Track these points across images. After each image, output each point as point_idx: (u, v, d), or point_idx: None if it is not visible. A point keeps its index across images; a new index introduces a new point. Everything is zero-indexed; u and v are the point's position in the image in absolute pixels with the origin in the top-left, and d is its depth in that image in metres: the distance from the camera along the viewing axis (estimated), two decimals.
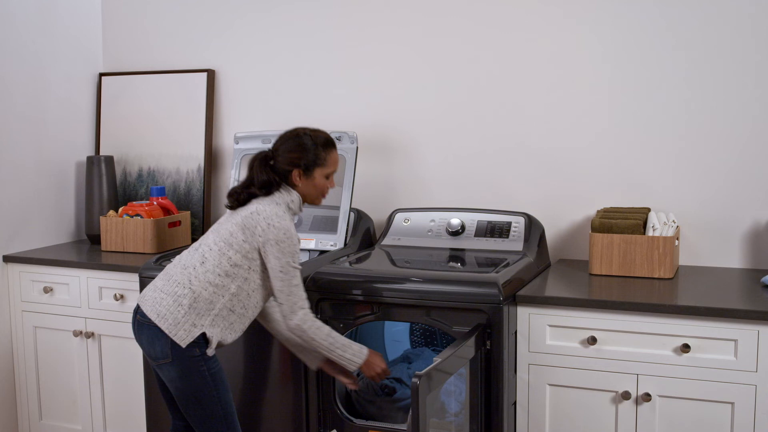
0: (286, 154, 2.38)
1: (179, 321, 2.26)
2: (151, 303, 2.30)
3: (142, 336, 2.34)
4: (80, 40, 3.66)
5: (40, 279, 3.22)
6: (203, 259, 2.31)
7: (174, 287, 2.29)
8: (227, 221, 2.37)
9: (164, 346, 2.26)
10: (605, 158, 2.96)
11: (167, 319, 2.26)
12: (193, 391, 2.29)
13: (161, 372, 2.33)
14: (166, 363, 2.27)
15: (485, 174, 3.12)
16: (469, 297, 2.41)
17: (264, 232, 2.28)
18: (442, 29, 3.15)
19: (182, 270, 2.32)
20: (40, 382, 3.29)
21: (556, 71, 3.00)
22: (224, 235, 2.32)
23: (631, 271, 2.66)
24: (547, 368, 2.47)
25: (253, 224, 2.29)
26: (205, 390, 2.29)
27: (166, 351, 2.26)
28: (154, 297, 2.31)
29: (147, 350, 2.33)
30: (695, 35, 2.81)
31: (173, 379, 2.29)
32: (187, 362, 2.26)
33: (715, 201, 2.83)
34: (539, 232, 2.92)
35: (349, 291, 2.56)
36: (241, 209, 2.36)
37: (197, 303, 2.27)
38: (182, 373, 2.27)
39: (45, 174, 3.48)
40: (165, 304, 2.27)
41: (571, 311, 2.43)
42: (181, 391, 2.30)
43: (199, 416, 2.32)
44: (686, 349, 2.30)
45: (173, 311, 2.26)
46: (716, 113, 2.81)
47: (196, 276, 2.29)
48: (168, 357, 2.26)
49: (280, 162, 2.38)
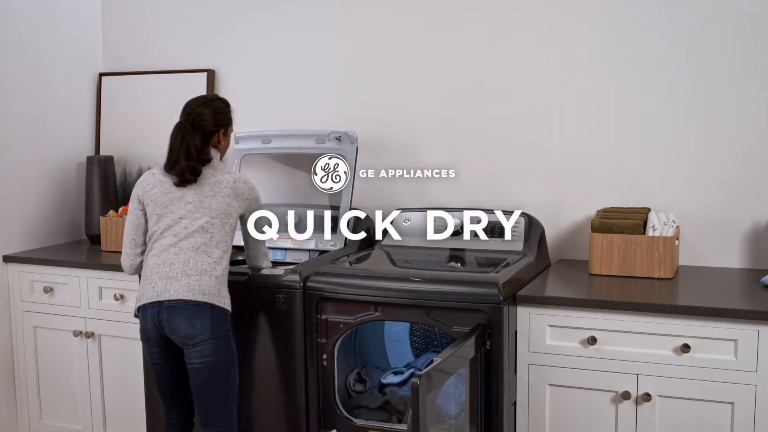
0: (211, 117, 2.56)
1: (222, 292, 2.46)
2: (186, 288, 2.41)
3: (177, 319, 2.41)
4: (80, 40, 3.66)
5: (40, 279, 3.22)
6: (210, 234, 2.47)
7: (202, 266, 2.44)
8: (209, 197, 2.50)
9: (204, 322, 2.40)
10: (605, 158, 2.95)
11: (213, 293, 2.43)
12: (221, 366, 2.44)
13: (195, 352, 2.41)
14: (204, 339, 2.40)
15: (485, 174, 3.11)
16: (469, 297, 2.41)
17: (251, 191, 2.60)
18: (442, 29, 3.14)
19: (194, 252, 2.45)
20: (40, 382, 3.29)
21: (557, 72, 3.00)
22: (221, 207, 2.50)
23: (631, 271, 2.66)
24: (547, 368, 2.46)
25: (242, 190, 2.55)
26: (230, 365, 2.47)
27: (206, 326, 2.41)
28: (187, 283, 2.41)
29: (185, 331, 2.41)
30: (695, 35, 2.81)
31: (207, 355, 2.41)
32: (223, 336, 2.44)
33: (715, 201, 2.83)
34: (539, 232, 2.92)
35: (349, 291, 2.56)
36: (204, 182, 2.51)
37: (224, 272, 2.49)
38: (216, 347, 2.42)
39: (45, 174, 3.48)
40: (204, 283, 2.42)
41: (571, 311, 2.43)
42: (212, 367, 2.42)
43: (217, 393, 2.44)
44: (686, 349, 2.30)
45: (214, 285, 2.44)
46: (716, 113, 2.81)
47: (212, 250, 2.46)
48: (208, 331, 2.41)
49: (206, 124, 2.55)
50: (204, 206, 2.49)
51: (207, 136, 2.56)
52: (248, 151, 3.22)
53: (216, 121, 2.58)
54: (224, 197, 2.51)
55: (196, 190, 2.51)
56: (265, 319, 2.66)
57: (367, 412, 2.68)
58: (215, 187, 2.51)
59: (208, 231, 2.47)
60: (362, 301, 2.55)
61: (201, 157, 2.51)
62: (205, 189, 2.50)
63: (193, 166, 2.50)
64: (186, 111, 2.57)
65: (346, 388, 2.74)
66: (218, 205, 2.50)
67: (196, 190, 2.51)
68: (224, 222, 2.50)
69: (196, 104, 2.58)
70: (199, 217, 2.48)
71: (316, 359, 2.62)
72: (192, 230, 2.47)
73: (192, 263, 2.44)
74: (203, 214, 2.48)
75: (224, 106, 2.63)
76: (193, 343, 2.41)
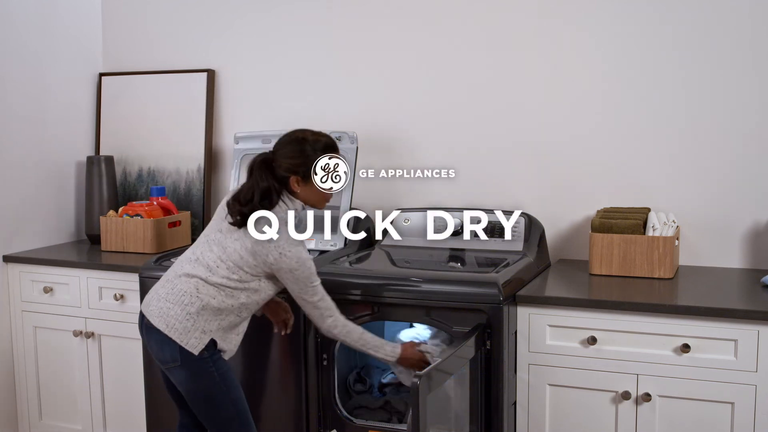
0: (286, 159, 2.31)
1: (189, 329, 2.25)
2: (158, 313, 2.29)
3: (150, 340, 2.33)
4: (80, 40, 3.65)
5: (40, 279, 3.21)
6: (210, 270, 2.28)
7: (180, 296, 2.27)
8: (232, 240, 2.28)
9: (173, 351, 2.26)
10: (605, 158, 2.95)
11: (177, 329, 2.25)
12: (204, 393, 2.30)
13: (171, 375, 2.33)
14: (176, 367, 2.27)
15: (485, 174, 3.11)
16: (469, 297, 2.41)
17: (276, 261, 2.24)
18: (442, 29, 3.14)
19: (187, 279, 2.29)
20: (40, 382, 3.29)
21: (556, 71, 3.00)
22: (233, 257, 2.27)
23: (631, 271, 2.66)
24: (547, 368, 2.46)
25: (265, 252, 2.25)
26: (215, 391, 2.29)
27: (176, 355, 2.26)
28: (160, 307, 2.29)
29: (156, 354, 2.33)
30: (696, 36, 2.81)
31: (182, 381, 2.30)
32: (196, 364, 2.26)
33: (715, 201, 2.82)
34: (539, 232, 2.92)
35: (349, 291, 2.56)
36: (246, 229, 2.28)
37: (205, 311, 2.26)
38: (192, 375, 2.28)
39: (45, 174, 3.48)
40: (173, 314, 2.26)
41: (571, 311, 2.43)
42: (193, 393, 2.31)
43: (212, 417, 2.33)
44: (686, 349, 2.30)
45: (182, 320, 2.25)
46: (716, 113, 2.80)
47: (204, 285, 2.27)
48: (177, 361, 2.26)
49: (279, 167, 2.32)
50: (222, 244, 2.29)
51: (281, 181, 2.31)
52: (248, 151, 3.22)
53: (288, 165, 2.30)
54: (242, 249, 2.25)
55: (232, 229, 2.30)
56: (264, 319, 2.64)
57: (368, 412, 2.68)
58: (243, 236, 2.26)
59: (209, 266, 2.27)
60: (362, 302, 2.55)
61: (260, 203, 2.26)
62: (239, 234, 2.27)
63: (245, 213, 2.26)
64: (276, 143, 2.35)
65: (346, 388, 2.75)
66: (232, 252, 2.26)
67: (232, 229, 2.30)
68: (231, 270, 2.25)
69: (287, 139, 2.34)
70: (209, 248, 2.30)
71: (316, 359, 2.61)
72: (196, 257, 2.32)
73: (177, 288, 2.28)
74: (218, 250, 2.29)
75: (309, 150, 2.31)
76: (167, 367, 2.31)
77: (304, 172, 2.32)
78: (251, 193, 2.28)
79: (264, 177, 2.30)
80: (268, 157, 2.34)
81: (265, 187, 2.29)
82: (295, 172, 2.31)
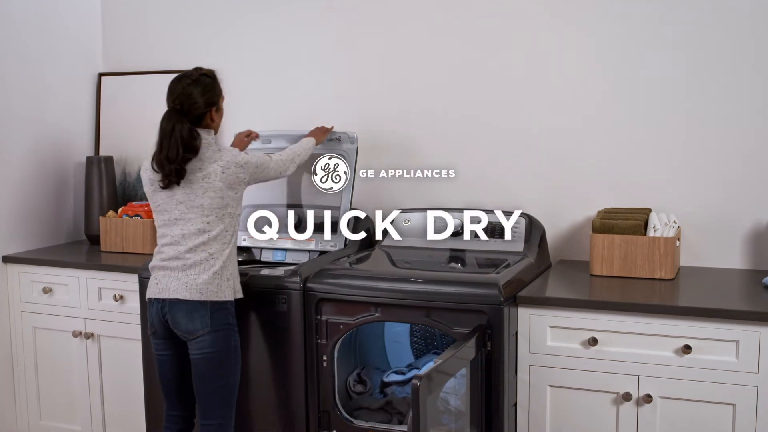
0: (201, 97, 2.46)
1: (221, 285, 2.44)
2: (185, 288, 2.42)
3: (177, 315, 2.43)
4: (80, 40, 3.65)
5: (40, 279, 3.21)
6: (207, 234, 2.44)
7: (200, 264, 2.43)
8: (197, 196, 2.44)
9: (204, 317, 2.42)
10: (606, 158, 2.94)
11: (211, 290, 2.42)
12: (219, 360, 2.44)
13: (195, 344, 2.44)
14: (204, 334, 2.42)
15: (485, 174, 3.10)
16: (469, 298, 2.40)
17: (244, 171, 2.48)
18: (444, 29, 3.14)
19: (192, 252, 2.44)
20: (39, 382, 3.28)
21: (557, 71, 2.99)
22: (214, 203, 2.44)
23: (632, 272, 2.65)
24: (548, 369, 2.46)
25: (233, 178, 2.46)
26: (229, 359, 2.47)
27: (206, 321, 2.42)
28: (185, 282, 2.43)
29: (185, 326, 2.43)
30: (696, 34, 2.80)
31: (205, 347, 2.43)
32: (223, 330, 2.44)
33: (715, 201, 2.82)
34: (540, 232, 2.91)
35: (349, 292, 2.55)
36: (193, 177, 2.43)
37: (223, 263, 2.45)
38: (215, 340, 2.43)
39: (44, 174, 3.47)
40: (201, 281, 2.42)
41: (572, 312, 2.42)
42: (210, 359, 2.44)
43: (215, 385, 2.45)
44: (687, 351, 2.29)
45: (211, 282, 2.42)
46: (717, 113, 2.80)
47: (210, 246, 2.44)
48: (208, 326, 2.42)
49: (196, 109, 2.46)
50: (196, 205, 2.44)
51: (198, 119, 2.47)
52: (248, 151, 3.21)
53: (207, 100, 2.48)
54: (216, 192, 2.43)
55: (185, 188, 2.45)
56: (264, 319, 2.65)
57: (368, 413, 2.67)
58: (205, 183, 2.43)
59: (204, 231, 2.44)
60: (362, 302, 2.54)
61: (186, 156, 2.40)
62: (195, 187, 2.43)
63: (179, 169, 2.41)
64: (173, 95, 2.47)
65: (346, 389, 2.74)
66: (211, 203, 2.44)
67: (185, 188, 2.45)
68: (221, 216, 2.45)
69: (183, 85, 2.46)
70: (192, 219, 2.44)
71: (316, 360, 2.61)
72: (188, 232, 2.45)
73: (190, 262, 2.43)
74: (196, 215, 2.44)
75: (211, 81, 2.51)
76: (194, 336, 2.44)
77: (216, 102, 2.52)
78: (176, 146, 2.41)
79: (184, 125, 2.43)
80: (176, 107, 2.46)
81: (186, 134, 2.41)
82: (214, 103, 2.51)
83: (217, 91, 2.52)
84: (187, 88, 2.46)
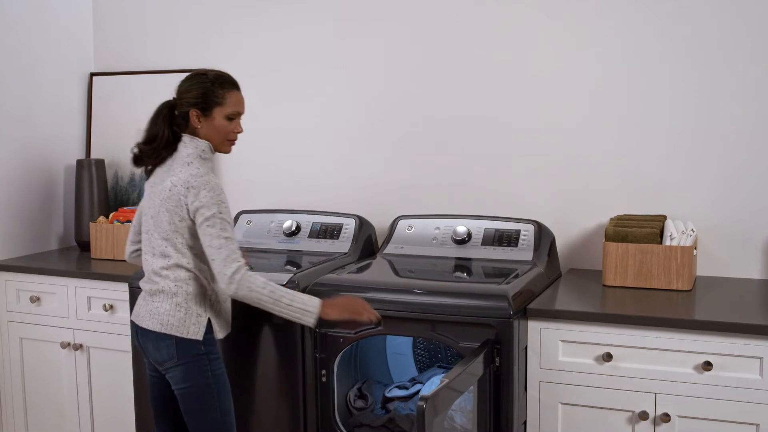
0: (184, 95, 2.26)
1: (183, 319, 2.23)
2: (148, 315, 2.27)
3: (147, 343, 2.30)
4: (71, 38, 3.56)
5: (27, 288, 3.12)
6: (166, 256, 2.24)
7: (162, 292, 2.25)
8: (157, 210, 2.25)
9: (169, 347, 2.24)
10: (618, 163, 2.85)
11: (172, 324, 2.23)
12: (196, 392, 2.25)
13: (168, 376, 2.28)
14: (173, 366, 2.25)
15: (492, 179, 3.01)
16: (477, 311, 2.30)
17: (186, 197, 2.18)
18: (448, 31, 3.04)
19: (155, 274, 2.27)
20: (26, 395, 3.19)
21: (567, 72, 2.89)
22: (164, 224, 2.23)
23: (648, 283, 2.54)
24: (560, 386, 2.35)
25: (176, 199, 2.20)
26: (207, 391, 2.25)
27: (172, 351, 2.24)
28: (149, 310, 2.27)
29: (154, 356, 2.29)
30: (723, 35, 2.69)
31: (178, 382, 2.26)
32: (191, 361, 2.24)
33: (733, 207, 2.72)
34: (549, 240, 2.81)
35: None
36: (161, 181, 2.25)
37: (189, 295, 2.24)
38: (187, 372, 2.24)
39: (33, 178, 3.38)
40: (163, 311, 2.24)
41: (585, 326, 2.31)
42: (186, 393, 2.26)
43: (199, 420, 2.27)
44: (708, 367, 2.19)
45: (173, 313, 2.23)
46: (737, 116, 2.69)
47: (174, 271, 2.24)
48: (174, 357, 2.24)
49: (180, 106, 2.26)
50: (156, 223, 2.25)
51: (184, 119, 2.26)
52: None
53: (187, 100, 2.25)
54: (166, 210, 2.21)
55: (152, 194, 2.27)
56: (261, 333, 2.54)
57: (369, 430, 2.57)
58: (160, 198, 2.23)
59: (165, 255, 2.23)
60: None
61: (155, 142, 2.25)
62: (155, 199, 2.25)
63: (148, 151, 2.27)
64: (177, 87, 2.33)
65: (346, 405, 2.63)
66: (166, 225, 2.22)
67: (152, 194, 2.27)
68: (175, 245, 2.22)
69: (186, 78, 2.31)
70: (155, 237, 2.26)
71: (315, 375, 2.51)
72: (153, 251, 2.28)
73: (156, 288, 2.25)
74: (157, 233, 2.25)
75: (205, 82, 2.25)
76: (164, 368, 2.28)
77: (203, 105, 2.25)
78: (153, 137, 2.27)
79: (164, 122, 2.26)
80: (171, 102, 2.30)
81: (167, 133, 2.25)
82: (195, 105, 2.24)
83: (207, 93, 2.24)
84: (181, 83, 2.31)
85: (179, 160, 2.25)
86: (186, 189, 2.18)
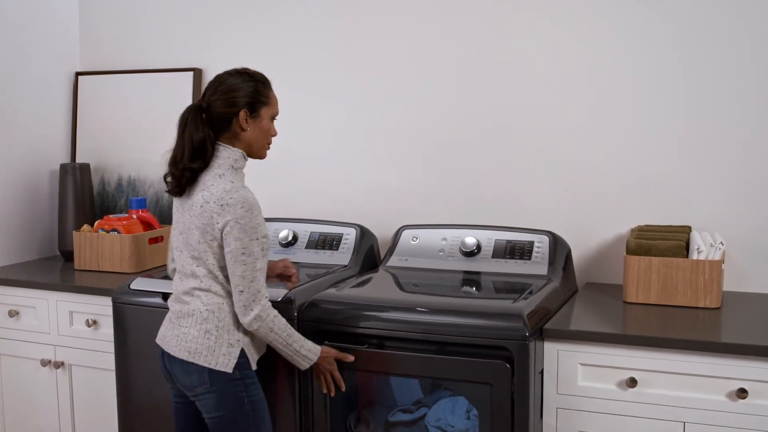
0: (224, 95, 2.06)
1: (212, 347, 2.08)
2: (176, 342, 2.12)
3: (175, 368, 2.14)
4: (55, 36, 3.45)
5: (5, 301, 2.98)
6: (196, 276, 2.10)
7: (191, 317, 2.10)
8: (188, 226, 2.09)
9: (201, 372, 2.09)
10: (639, 170, 2.70)
11: (200, 352, 2.08)
12: (230, 420, 2.10)
13: (199, 403, 2.13)
14: (204, 392, 2.09)
15: (504, 187, 2.87)
16: (489, 332, 2.13)
17: (220, 215, 2.01)
18: (454, 33, 2.90)
19: (186, 294, 2.13)
20: (4, 414, 3.06)
21: (582, 75, 2.75)
22: (195, 243, 2.08)
23: (673, 300, 2.37)
24: (579, 413, 2.20)
25: (207, 216, 2.03)
26: (243, 419, 2.11)
27: (204, 377, 2.08)
28: (176, 335, 2.13)
29: (182, 382, 2.14)
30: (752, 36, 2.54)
31: (210, 409, 2.11)
32: (225, 387, 2.08)
33: (763, 218, 2.57)
34: (565, 252, 2.66)
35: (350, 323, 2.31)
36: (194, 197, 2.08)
37: (221, 322, 2.09)
38: (220, 399, 2.09)
39: (13, 183, 3.26)
40: (191, 338, 2.09)
41: (608, 348, 2.15)
42: (219, 422, 2.11)
43: None
44: (743, 395, 2.03)
45: (203, 341, 2.08)
46: (762, 121, 2.54)
47: (206, 295, 2.10)
48: (206, 383, 2.08)
49: (216, 108, 2.06)
50: (187, 240, 2.10)
51: (222, 123, 2.08)
52: None
53: (230, 100, 2.06)
54: (197, 228, 2.06)
55: (181, 209, 2.13)
56: None
57: None
58: (191, 215, 2.08)
59: (195, 276, 2.10)
60: (365, 335, 2.29)
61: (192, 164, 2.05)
62: (186, 216, 2.10)
63: (178, 176, 2.07)
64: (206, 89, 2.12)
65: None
66: (196, 244, 2.08)
67: (181, 209, 2.13)
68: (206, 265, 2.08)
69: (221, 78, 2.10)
70: (185, 255, 2.12)
71: (311, 400, 2.36)
72: (183, 268, 2.14)
73: (186, 310, 2.11)
74: (188, 251, 2.11)
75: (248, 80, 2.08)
76: (193, 394, 2.13)
77: (253, 104, 2.09)
78: (182, 148, 2.06)
79: (197, 128, 2.05)
80: (200, 104, 2.10)
81: (199, 138, 2.05)
82: (246, 104, 2.07)
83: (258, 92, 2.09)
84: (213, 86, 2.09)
85: (210, 171, 2.07)
86: (220, 207, 2.02)
